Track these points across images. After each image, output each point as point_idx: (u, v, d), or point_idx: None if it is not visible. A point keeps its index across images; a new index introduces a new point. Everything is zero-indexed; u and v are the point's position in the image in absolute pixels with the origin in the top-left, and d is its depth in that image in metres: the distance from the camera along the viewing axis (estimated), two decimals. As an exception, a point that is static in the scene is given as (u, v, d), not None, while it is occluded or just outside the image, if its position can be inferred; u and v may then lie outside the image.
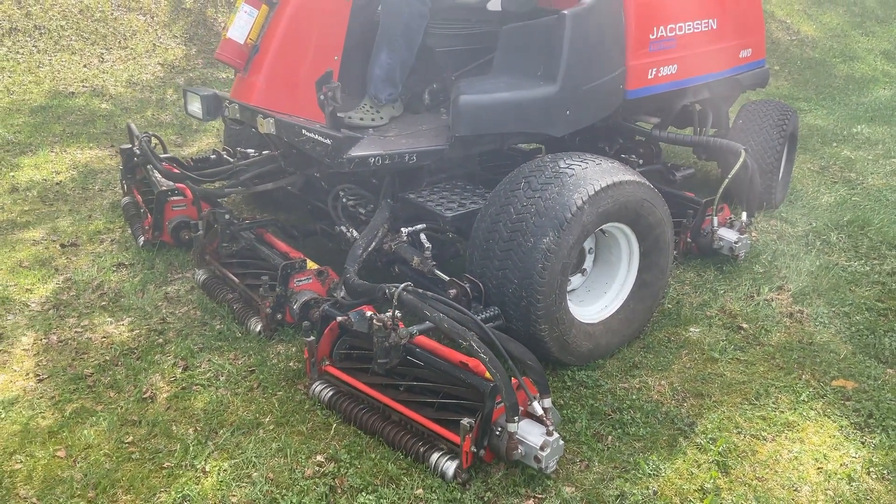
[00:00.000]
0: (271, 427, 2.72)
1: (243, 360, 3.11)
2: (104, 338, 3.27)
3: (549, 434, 2.38)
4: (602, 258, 3.26)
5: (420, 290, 2.65)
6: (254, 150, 4.07)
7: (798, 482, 2.48)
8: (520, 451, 2.39)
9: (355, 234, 3.42)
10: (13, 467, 2.50)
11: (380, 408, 2.69)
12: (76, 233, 4.28)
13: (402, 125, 3.55)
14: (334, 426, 2.70)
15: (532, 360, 2.54)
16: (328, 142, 3.07)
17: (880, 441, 2.67)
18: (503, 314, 2.88)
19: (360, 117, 3.49)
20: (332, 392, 2.81)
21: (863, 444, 2.67)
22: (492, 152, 3.76)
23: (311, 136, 3.08)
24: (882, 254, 4.11)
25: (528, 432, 2.40)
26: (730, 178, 3.91)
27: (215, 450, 2.60)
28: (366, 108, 3.53)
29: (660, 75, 3.95)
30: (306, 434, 2.67)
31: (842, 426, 2.76)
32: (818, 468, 2.55)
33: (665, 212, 3.15)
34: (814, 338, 3.31)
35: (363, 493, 2.39)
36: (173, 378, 2.99)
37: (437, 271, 3.05)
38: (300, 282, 3.23)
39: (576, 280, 3.24)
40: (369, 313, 2.62)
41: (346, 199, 3.59)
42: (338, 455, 2.55)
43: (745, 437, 2.69)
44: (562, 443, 2.42)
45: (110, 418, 2.74)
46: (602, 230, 3.11)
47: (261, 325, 3.24)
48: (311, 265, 3.31)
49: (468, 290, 2.85)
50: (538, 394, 2.46)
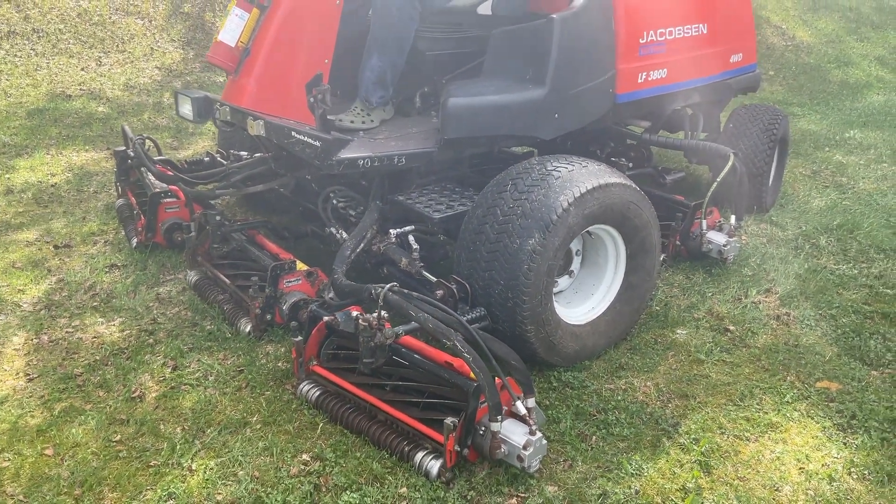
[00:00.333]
0: (258, 426, 2.74)
1: (232, 360, 3.13)
2: (95, 338, 3.29)
3: (532, 434, 2.40)
4: (589, 260, 3.28)
5: (405, 291, 2.67)
6: (247, 152, 4.10)
7: (779, 482, 2.50)
8: (503, 450, 2.40)
9: (345, 235, 3.44)
10: (1, 465, 2.52)
11: (366, 407, 2.72)
12: (70, 234, 4.30)
13: (393, 128, 3.58)
14: (321, 426, 2.72)
15: (516, 360, 2.56)
16: (317, 144, 3.10)
17: (862, 442, 2.69)
18: (490, 315, 2.90)
19: (351, 120, 3.51)
20: (319, 392, 2.83)
21: (845, 444, 2.69)
22: (482, 155, 3.79)
23: (301, 137, 3.10)
24: (870, 257, 4.13)
25: (512, 432, 2.42)
26: (718, 181, 3.93)
27: (202, 448, 2.62)
28: (357, 111, 3.56)
29: (650, 79, 3.98)
30: (293, 433, 2.69)
31: (825, 427, 2.78)
32: (800, 468, 2.56)
33: (651, 214, 3.17)
34: (800, 340, 3.33)
35: (347, 492, 2.41)
36: (162, 378, 3.01)
37: (424, 272, 3.08)
38: (290, 283, 3.26)
39: (563, 282, 3.26)
40: (355, 313, 2.64)
41: (336, 200, 3.62)
42: (323, 454, 2.57)
43: (728, 437, 2.70)
44: (545, 442, 2.43)
45: (98, 417, 2.76)
46: (589, 232, 3.13)
47: (250, 325, 3.27)
48: (301, 266, 3.33)
49: (455, 290, 2.87)
50: (522, 394, 2.48)
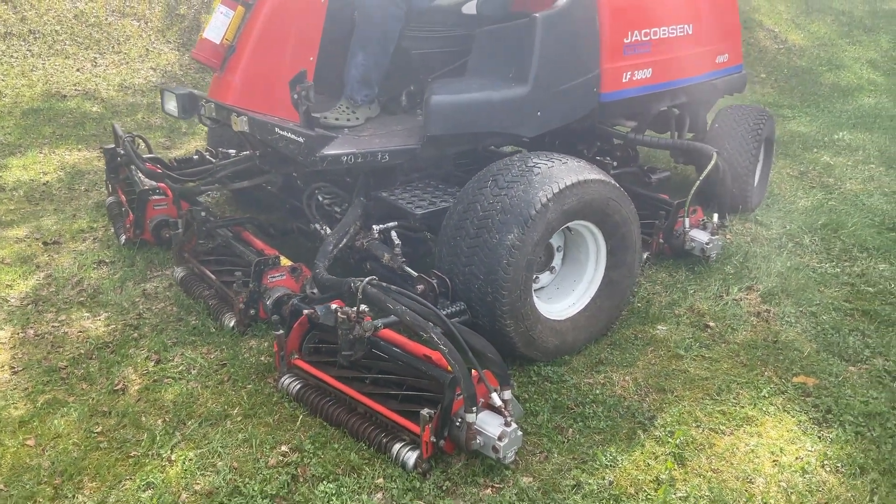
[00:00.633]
0: (239, 419, 2.76)
1: (216, 354, 3.16)
2: (80, 332, 3.32)
3: (507, 425, 2.43)
4: (571, 256, 3.31)
5: (384, 284, 2.70)
6: (235, 150, 4.14)
7: (753, 474, 2.52)
8: (478, 441, 2.43)
9: (329, 231, 3.47)
10: (-18, 455, 2.55)
11: (346, 400, 2.74)
12: (60, 231, 4.33)
13: (377, 125, 3.61)
14: (301, 418, 2.74)
15: (493, 352, 2.59)
16: (301, 140, 3.13)
17: (836, 435, 2.72)
18: (470, 310, 2.92)
19: (336, 117, 3.55)
20: (300, 385, 2.86)
21: (819, 438, 2.71)
22: (467, 154, 3.83)
23: (285, 134, 3.14)
24: (853, 256, 4.16)
25: (487, 423, 2.44)
26: (701, 179, 3.96)
27: (182, 440, 2.64)
28: (342, 109, 3.59)
29: (634, 79, 4.01)
30: (273, 425, 2.72)
31: (800, 421, 2.80)
32: (774, 461, 2.59)
33: (631, 211, 3.20)
34: (779, 336, 3.35)
35: (324, 482, 2.44)
36: (146, 371, 3.04)
37: (406, 268, 3.10)
38: (274, 278, 3.29)
39: (545, 278, 3.29)
40: (334, 306, 2.67)
41: (321, 197, 3.65)
42: (302, 446, 2.60)
43: (703, 430, 2.73)
44: (520, 433, 2.46)
45: (81, 409, 2.79)
46: (569, 228, 3.16)
47: (234, 320, 3.29)
48: (286, 262, 3.36)
49: (435, 285, 2.90)
50: (498, 386, 2.51)
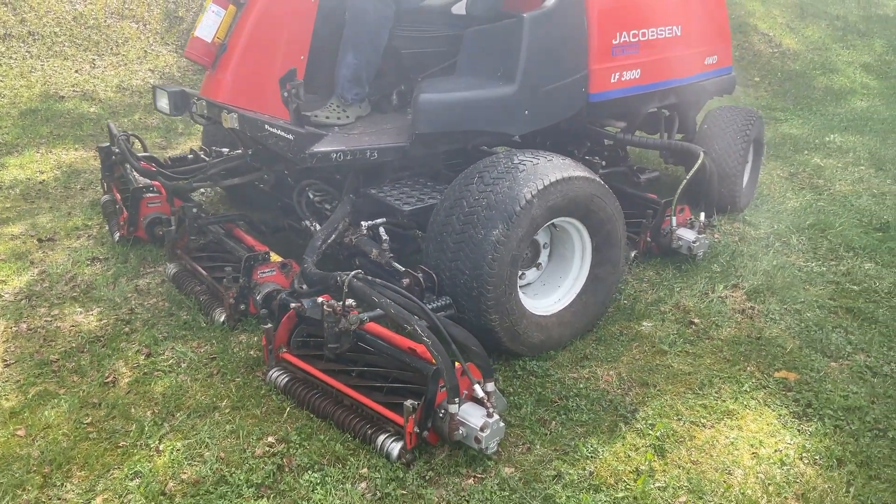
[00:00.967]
0: (227, 411, 2.80)
1: (206, 348, 3.20)
2: (72, 326, 3.36)
3: (489, 416, 2.47)
4: (557, 253, 3.36)
5: (369, 278, 2.75)
6: (228, 149, 4.18)
7: (731, 466, 2.56)
8: (461, 431, 2.47)
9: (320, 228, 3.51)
10: (-27, 444, 2.59)
11: (333, 393, 2.78)
12: (54, 229, 4.38)
13: (368, 124, 3.66)
14: (288, 410, 2.78)
15: (476, 345, 2.63)
16: (291, 137, 3.18)
17: (816, 429, 2.76)
18: (456, 304, 2.96)
19: (327, 116, 3.60)
20: (287, 378, 2.90)
21: (799, 431, 2.75)
22: (457, 152, 3.87)
23: (274, 131, 3.18)
24: (839, 255, 4.20)
25: (470, 414, 2.48)
26: (688, 179, 4.01)
27: (170, 431, 2.68)
28: (333, 108, 3.64)
29: (623, 80, 4.05)
30: (260, 417, 2.76)
31: (780, 415, 2.84)
32: (753, 453, 2.62)
33: (616, 208, 3.24)
34: (763, 332, 3.39)
35: (309, 472, 2.48)
36: (136, 364, 3.08)
37: (394, 263, 3.15)
38: (264, 273, 3.33)
39: (531, 274, 3.33)
40: (321, 300, 2.71)
41: (311, 194, 3.70)
42: (289, 437, 2.64)
43: (684, 423, 2.77)
44: (502, 425, 2.50)
45: (71, 401, 2.83)
46: (555, 225, 3.21)
47: (224, 315, 3.34)
48: (275, 258, 3.41)
49: (421, 279, 2.94)
50: (481, 378, 2.55)
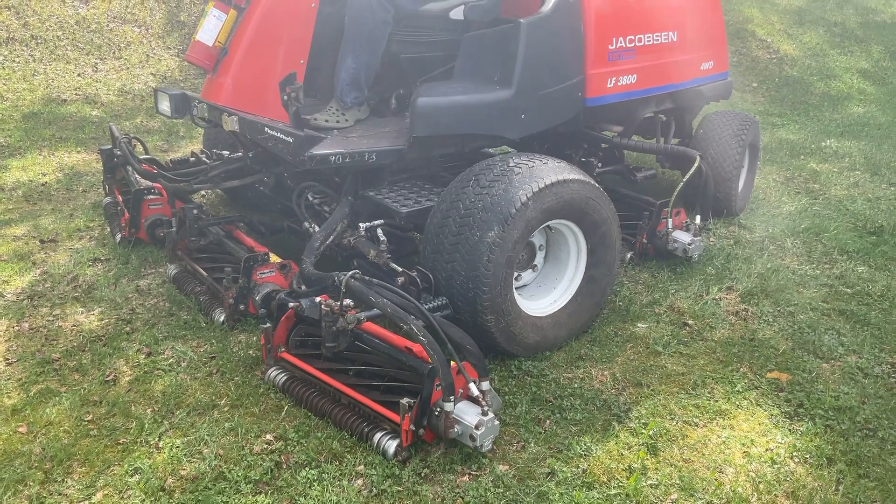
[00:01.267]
0: (226, 409, 2.84)
1: (205, 347, 3.24)
2: (74, 326, 3.40)
3: (484, 414, 2.50)
4: (552, 255, 3.40)
5: (367, 278, 2.79)
6: (229, 152, 4.23)
7: (723, 464, 2.60)
8: (456, 429, 2.51)
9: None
10: (-25, 441, 2.63)
11: (330, 391, 2.82)
12: (56, 230, 4.42)
13: (366, 127, 3.71)
14: (286, 408, 2.82)
15: (471, 344, 2.68)
16: (290, 139, 3.22)
17: (807, 428, 2.79)
18: (452, 305, 3.00)
19: (326, 119, 3.64)
20: (286, 377, 2.94)
21: (790, 431, 2.79)
22: (455, 155, 3.91)
23: (274, 133, 3.23)
24: (833, 259, 4.24)
25: (465, 412, 2.52)
26: (684, 181, 4.05)
27: (170, 428, 2.72)
28: (332, 111, 3.69)
29: (619, 84, 4.10)
30: (258, 415, 2.80)
31: (772, 415, 2.88)
32: (744, 452, 2.66)
33: (611, 210, 3.29)
34: (756, 334, 3.43)
35: (307, 469, 2.51)
36: (137, 363, 3.12)
37: (392, 264, 3.19)
38: (263, 274, 3.37)
39: (527, 276, 3.37)
40: (318, 299, 2.75)
41: (310, 196, 3.74)
42: (287, 434, 2.68)
43: (677, 422, 2.81)
44: (497, 423, 2.54)
45: (72, 398, 2.87)
46: (550, 227, 3.25)
47: (224, 315, 3.38)
48: (275, 259, 3.45)
49: (416, 279, 2.98)
50: (477, 377, 2.59)
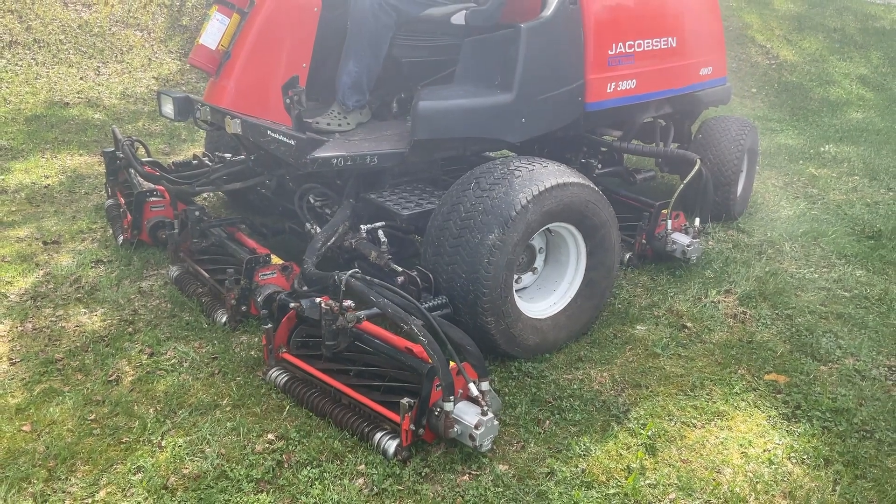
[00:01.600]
0: (228, 408, 2.86)
1: (207, 348, 3.27)
2: (77, 326, 3.42)
3: (483, 414, 2.53)
4: (552, 258, 3.43)
5: (367, 278, 2.82)
6: (231, 154, 4.26)
7: (721, 464, 2.62)
8: (456, 429, 2.53)
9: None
10: (-21, 439, 2.65)
11: (331, 392, 2.84)
12: (59, 232, 4.45)
13: (368, 130, 3.74)
14: (287, 408, 2.84)
15: (471, 345, 2.70)
16: (292, 142, 3.25)
17: (804, 430, 2.81)
18: (453, 307, 3.02)
19: (328, 122, 3.67)
20: (287, 377, 2.97)
21: (788, 432, 2.81)
22: (456, 158, 3.94)
23: (276, 136, 3.26)
24: (831, 262, 4.27)
25: (465, 412, 2.54)
26: (685, 184, 4.08)
27: (173, 427, 2.74)
28: (334, 114, 3.72)
29: (619, 89, 4.13)
30: (260, 415, 2.82)
31: (770, 416, 2.90)
32: (742, 453, 2.68)
33: (610, 213, 3.31)
34: (754, 337, 3.45)
35: (308, 468, 2.54)
36: (139, 363, 3.14)
37: (393, 264, 3.21)
38: (265, 276, 3.40)
39: (527, 278, 3.40)
40: (318, 299, 2.78)
41: (312, 199, 3.77)
42: (288, 434, 2.70)
43: (675, 423, 2.83)
44: (497, 423, 2.56)
45: (76, 398, 2.89)
46: (550, 230, 3.28)
47: (226, 316, 3.40)
48: (277, 260, 3.48)
49: (416, 279, 3.01)
50: (476, 377, 2.61)
